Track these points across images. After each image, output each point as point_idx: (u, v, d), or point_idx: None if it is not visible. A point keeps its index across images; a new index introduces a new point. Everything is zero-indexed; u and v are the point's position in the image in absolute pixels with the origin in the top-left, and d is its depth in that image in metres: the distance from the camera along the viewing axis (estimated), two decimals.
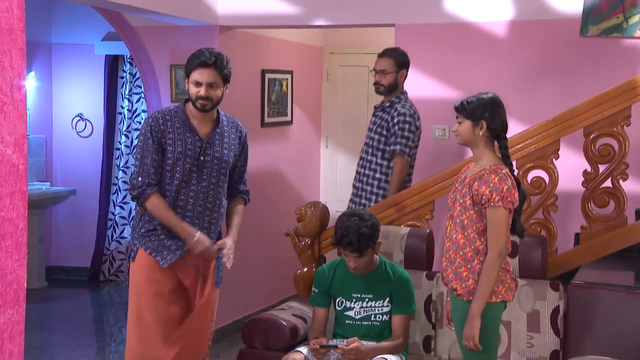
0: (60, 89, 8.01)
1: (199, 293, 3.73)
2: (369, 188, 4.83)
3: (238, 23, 5.87)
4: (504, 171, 3.24)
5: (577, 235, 4.63)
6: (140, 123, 7.60)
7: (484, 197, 3.21)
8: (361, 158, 4.90)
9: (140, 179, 3.59)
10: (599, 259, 4.34)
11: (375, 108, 4.98)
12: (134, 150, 3.68)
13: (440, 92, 5.42)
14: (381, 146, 4.78)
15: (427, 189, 4.51)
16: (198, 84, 3.59)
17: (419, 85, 5.47)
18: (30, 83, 7.81)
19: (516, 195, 3.23)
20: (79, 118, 7.83)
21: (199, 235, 3.62)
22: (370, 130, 4.88)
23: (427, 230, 4.36)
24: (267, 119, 6.47)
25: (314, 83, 7.54)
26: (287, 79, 6.83)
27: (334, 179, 7.74)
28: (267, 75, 6.47)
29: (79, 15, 7.70)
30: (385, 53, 4.86)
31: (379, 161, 4.80)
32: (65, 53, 7.97)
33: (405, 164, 4.74)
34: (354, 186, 4.96)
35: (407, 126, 4.70)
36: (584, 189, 4.30)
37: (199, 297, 3.72)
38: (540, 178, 4.36)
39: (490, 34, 5.34)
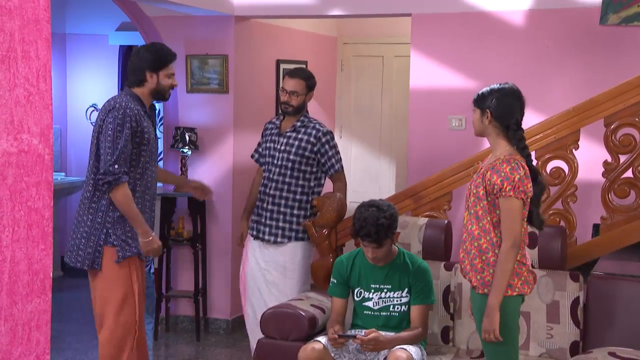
0: (74, 80, 8.03)
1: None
2: (288, 210, 4.62)
3: (253, 13, 5.86)
4: (517, 161, 3.21)
5: (595, 225, 4.61)
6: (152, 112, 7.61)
7: (495, 186, 3.18)
8: (272, 180, 4.65)
9: (116, 166, 3.72)
10: (619, 249, 4.32)
11: (276, 128, 4.74)
12: (106, 138, 3.76)
13: (457, 82, 5.39)
14: (302, 167, 4.63)
15: (444, 179, 4.50)
16: (172, 75, 4.01)
17: (435, 76, 5.45)
18: None
19: (529, 185, 3.20)
20: (93, 108, 7.83)
21: (154, 235, 3.88)
22: (284, 152, 4.63)
23: (445, 221, 4.35)
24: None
25: (328, 73, 7.52)
26: None
27: (348, 170, 7.71)
28: (282, 66, 6.45)
29: (92, 6, 7.71)
30: (296, 74, 4.71)
31: (301, 182, 4.64)
32: (79, 43, 7.98)
33: (345, 178, 4.80)
34: (264, 209, 4.66)
35: (335, 142, 4.70)
36: (604, 179, 4.27)
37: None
38: (559, 168, 4.34)
39: (508, 23, 5.31)
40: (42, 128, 2.48)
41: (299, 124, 4.69)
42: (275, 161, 4.67)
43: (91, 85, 7.92)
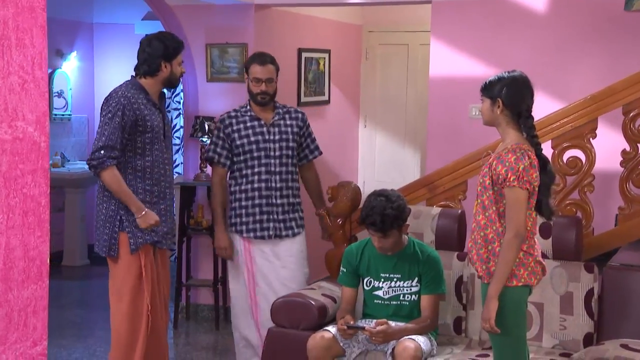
0: (101, 69, 8.10)
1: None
2: (296, 200, 4.48)
3: (274, 1, 5.83)
4: (522, 150, 3.15)
5: (617, 216, 4.52)
6: (179, 103, 7.64)
7: (500, 176, 3.14)
8: (274, 173, 4.37)
9: (102, 151, 3.79)
10: None
11: (254, 120, 4.42)
12: (99, 124, 3.89)
13: (477, 70, 5.31)
14: (294, 153, 4.48)
15: (459, 168, 4.45)
16: (181, 63, 4.05)
17: (455, 63, 5.39)
18: (72, 63, 7.90)
19: (534, 175, 3.14)
20: None
21: (148, 209, 3.88)
22: (280, 141, 4.39)
23: (459, 211, 4.30)
24: (303, 98, 6.44)
25: (352, 62, 7.48)
26: (325, 58, 6.79)
27: (372, 159, 7.69)
28: (304, 54, 6.43)
29: None
30: (267, 60, 4.41)
31: (297, 169, 4.52)
32: (106, 33, 8.05)
33: None
34: (273, 205, 4.38)
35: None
36: (623, 169, 4.19)
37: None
38: (576, 158, 4.26)
39: (529, 9, 5.22)
40: (37, 116, 2.49)
41: (281, 110, 4.49)
42: (272, 152, 4.38)
43: (118, 74, 7.92)
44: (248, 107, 4.48)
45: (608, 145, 4.42)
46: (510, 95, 3.23)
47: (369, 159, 7.69)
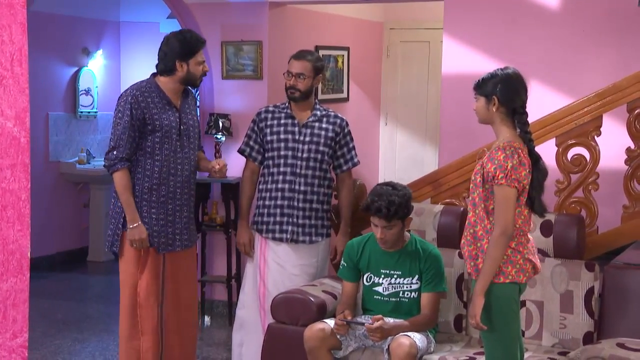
0: (127, 67, 8.21)
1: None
2: (320, 207, 4.30)
3: None
4: (512, 148, 3.13)
5: None
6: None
7: (489, 174, 3.14)
8: (300, 175, 4.24)
9: (115, 152, 3.87)
10: None
11: (288, 117, 4.29)
12: (112, 124, 3.96)
13: (490, 67, 5.18)
14: (327, 159, 4.29)
15: (464, 165, 4.42)
16: (202, 62, 3.99)
17: (467, 61, 5.34)
18: (99, 61, 8.02)
19: (523, 173, 3.12)
20: None
21: (140, 223, 3.91)
22: (310, 143, 4.25)
23: (461, 208, 4.28)
24: (320, 96, 6.45)
25: (373, 59, 7.47)
26: (343, 55, 6.79)
27: (393, 157, 7.67)
28: (321, 52, 6.43)
29: None
30: (302, 56, 4.28)
31: (329, 175, 4.32)
32: (132, 31, 8.16)
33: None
34: (294, 207, 4.26)
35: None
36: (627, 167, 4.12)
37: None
38: (581, 156, 4.21)
39: (542, 6, 5.16)
40: (17, 111, 2.53)
41: (319, 112, 4.31)
42: (299, 154, 4.25)
43: (144, 72, 7.92)
44: (287, 104, 4.36)
45: (616, 143, 4.35)
46: (506, 92, 3.22)
47: (389, 157, 7.68)
